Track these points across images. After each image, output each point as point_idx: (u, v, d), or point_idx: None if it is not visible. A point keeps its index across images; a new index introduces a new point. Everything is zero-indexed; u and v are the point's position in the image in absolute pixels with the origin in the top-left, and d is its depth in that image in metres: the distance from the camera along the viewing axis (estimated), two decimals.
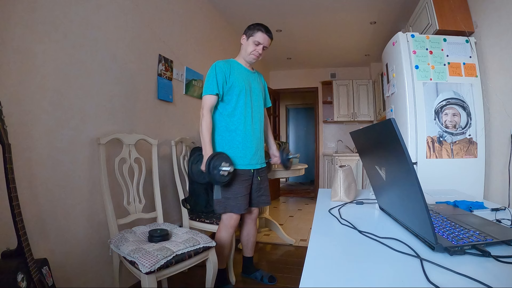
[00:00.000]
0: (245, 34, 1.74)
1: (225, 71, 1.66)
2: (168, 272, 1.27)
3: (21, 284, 0.92)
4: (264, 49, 1.72)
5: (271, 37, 1.72)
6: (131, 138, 1.69)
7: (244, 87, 1.70)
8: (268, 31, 1.71)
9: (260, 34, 1.68)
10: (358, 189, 1.35)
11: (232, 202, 1.67)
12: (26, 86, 1.26)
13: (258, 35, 1.68)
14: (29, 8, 1.27)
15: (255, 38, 1.68)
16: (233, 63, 1.73)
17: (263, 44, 1.70)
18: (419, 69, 1.96)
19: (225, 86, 1.67)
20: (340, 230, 0.81)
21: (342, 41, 4.17)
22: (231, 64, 1.71)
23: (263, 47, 1.70)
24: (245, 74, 1.74)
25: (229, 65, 1.69)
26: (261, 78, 1.91)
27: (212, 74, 1.65)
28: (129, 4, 1.88)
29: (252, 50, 1.70)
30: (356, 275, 0.53)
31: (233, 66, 1.71)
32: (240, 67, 1.75)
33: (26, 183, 1.25)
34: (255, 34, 1.68)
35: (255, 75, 1.83)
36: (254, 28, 1.70)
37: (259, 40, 1.68)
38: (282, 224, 3.38)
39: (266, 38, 1.70)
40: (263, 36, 1.69)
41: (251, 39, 1.69)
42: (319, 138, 5.59)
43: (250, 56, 1.72)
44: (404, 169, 0.62)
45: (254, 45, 1.69)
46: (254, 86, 1.77)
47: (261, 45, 1.70)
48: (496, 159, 1.83)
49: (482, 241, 0.62)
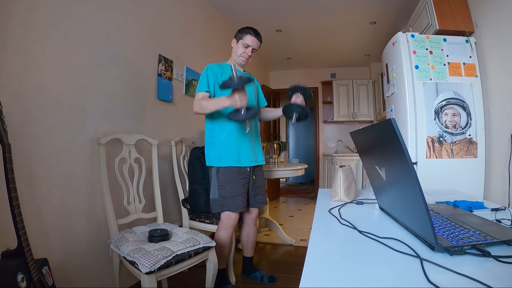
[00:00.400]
0: (235, 37, 1.79)
1: (216, 72, 1.70)
2: (168, 272, 1.27)
3: (21, 284, 0.92)
4: (254, 51, 1.77)
5: (260, 40, 1.77)
6: (131, 138, 1.69)
7: None
8: (257, 34, 1.75)
9: (249, 37, 1.73)
10: (358, 189, 1.35)
11: (230, 201, 1.68)
12: (26, 86, 1.26)
13: (247, 38, 1.72)
14: (29, 8, 1.27)
15: (244, 41, 1.73)
16: (224, 66, 1.77)
17: (252, 46, 1.74)
18: (419, 69, 1.96)
19: (217, 86, 1.69)
20: (340, 230, 0.81)
21: (342, 41, 4.17)
22: (223, 67, 1.76)
23: (252, 49, 1.75)
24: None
25: (221, 68, 1.74)
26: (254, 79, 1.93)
27: (204, 75, 1.69)
28: (129, 4, 1.88)
29: (241, 52, 1.74)
30: (356, 275, 0.53)
31: (225, 68, 1.75)
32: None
33: (26, 183, 1.25)
34: (244, 37, 1.73)
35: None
36: (243, 32, 1.74)
37: (248, 43, 1.72)
38: (282, 224, 3.38)
39: (255, 40, 1.74)
40: (252, 38, 1.73)
41: (241, 42, 1.74)
42: (319, 138, 5.59)
43: (240, 58, 1.76)
44: (404, 169, 0.62)
45: (243, 47, 1.74)
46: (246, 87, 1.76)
47: (250, 47, 1.74)
48: (496, 159, 1.83)
49: (482, 241, 0.62)
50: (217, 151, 1.70)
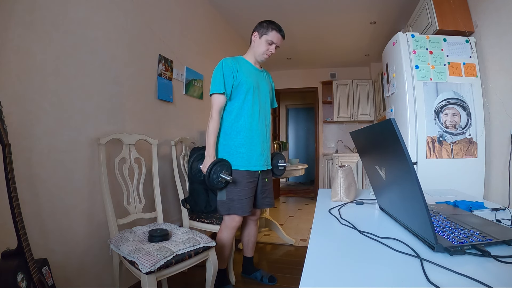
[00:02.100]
0: (257, 31, 1.67)
1: (232, 68, 1.61)
2: (168, 272, 1.27)
3: (21, 284, 0.92)
4: (276, 48, 1.69)
5: (284, 36, 1.69)
6: (131, 138, 1.69)
7: (252, 85, 1.66)
8: (281, 29, 1.67)
9: (274, 33, 1.63)
10: (358, 189, 1.35)
11: (237, 204, 1.64)
12: (26, 86, 1.26)
13: (272, 34, 1.63)
14: (29, 8, 1.27)
15: (269, 37, 1.63)
16: (240, 61, 1.69)
17: (277, 44, 1.66)
18: (419, 69, 1.96)
19: (233, 84, 1.63)
20: (340, 230, 0.81)
21: (342, 41, 4.17)
22: (239, 62, 1.67)
23: (275, 46, 1.67)
24: (253, 72, 1.70)
25: (236, 63, 1.65)
26: (269, 78, 1.87)
27: (219, 72, 1.60)
28: (129, 4, 1.88)
29: (265, 49, 1.65)
30: (356, 275, 0.53)
31: (241, 64, 1.67)
32: (248, 64, 1.71)
33: (26, 183, 1.25)
34: (269, 33, 1.63)
35: (263, 73, 1.79)
36: (267, 27, 1.64)
37: (273, 40, 1.63)
38: (282, 224, 3.38)
39: (279, 37, 1.66)
40: (277, 35, 1.64)
41: (264, 38, 1.64)
42: (319, 138, 5.59)
43: (263, 56, 1.68)
44: (404, 169, 0.62)
45: (267, 44, 1.65)
46: (262, 85, 1.73)
47: (274, 45, 1.66)
48: (496, 159, 1.83)
49: (482, 241, 0.62)
50: (229, 153, 1.66)
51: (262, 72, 1.78)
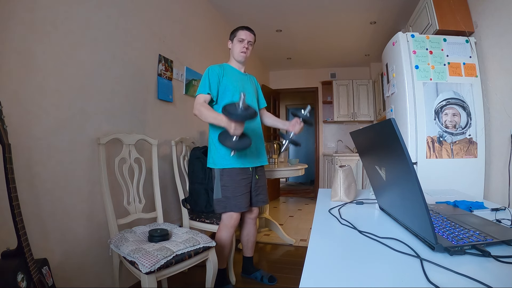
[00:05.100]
0: (229, 39, 1.83)
1: (218, 73, 1.71)
2: (168, 272, 1.27)
3: (21, 284, 0.92)
4: (250, 44, 1.78)
5: (253, 32, 1.80)
6: (131, 138, 1.69)
7: (238, 88, 1.74)
8: (248, 27, 1.79)
9: (242, 31, 1.76)
10: (358, 189, 1.35)
11: (232, 201, 1.68)
12: (26, 86, 1.26)
13: (239, 33, 1.77)
14: (29, 8, 1.27)
15: (238, 36, 1.76)
16: (226, 66, 1.79)
17: (247, 39, 1.76)
18: (419, 69, 1.96)
19: (219, 88, 1.70)
20: (340, 230, 0.81)
21: (342, 41, 4.17)
22: (224, 67, 1.77)
23: (247, 42, 1.76)
24: (238, 76, 1.80)
25: (222, 68, 1.75)
26: (254, 80, 1.96)
27: (205, 76, 1.70)
28: (129, 4, 1.88)
29: (239, 48, 1.77)
30: (356, 275, 0.53)
31: (226, 69, 1.77)
32: (233, 70, 1.81)
33: (26, 183, 1.25)
34: (237, 33, 1.77)
35: (247, 77, 1.89)
36: (235, 31, 1.80)
37: (242, 37, 1.76)
38: (282, 224, 3.38)
39: (248, 33, 1.77)
40: (244, 32, 1.76)
41: (235, 39, 1.78)
42: (319, 138, 5.59)
43: (240, 55, 1.77)
44: (404, 169, 0.62)
45: (239, 42, 1.76)
46: (247, 87, 1.82)
47: (245, 40, 1.76)
48: (496, 159, 1.83)
49: (482, 241, 0.62)
50: (221, 152, 1.69)
51: (246, 76, 1.87)
